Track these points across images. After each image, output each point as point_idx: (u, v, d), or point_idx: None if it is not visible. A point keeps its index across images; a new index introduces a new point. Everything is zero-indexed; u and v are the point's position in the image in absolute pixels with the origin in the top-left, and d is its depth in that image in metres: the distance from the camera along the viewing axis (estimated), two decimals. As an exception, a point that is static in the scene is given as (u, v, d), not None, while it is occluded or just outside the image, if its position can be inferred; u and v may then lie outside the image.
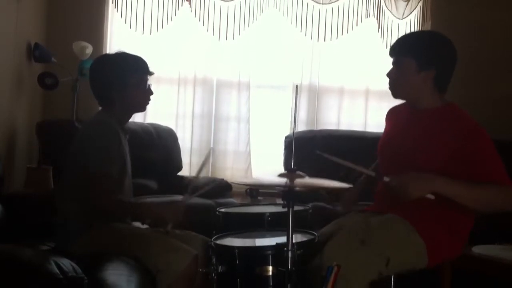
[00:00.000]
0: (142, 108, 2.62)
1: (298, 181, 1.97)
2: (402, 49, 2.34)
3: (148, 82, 2.57)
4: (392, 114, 2.54)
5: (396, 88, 2.36)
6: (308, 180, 2.04)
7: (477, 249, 2.71)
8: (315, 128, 4.68)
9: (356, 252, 2.09)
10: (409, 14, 4.69)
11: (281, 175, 2.06)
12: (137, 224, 2.56)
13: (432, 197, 2.09)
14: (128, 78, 2.50)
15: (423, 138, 2.27)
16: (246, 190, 2.41)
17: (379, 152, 2.48)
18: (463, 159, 2.17)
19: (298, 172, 2.02)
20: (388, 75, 2.36)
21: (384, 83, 2.42)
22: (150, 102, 2.60)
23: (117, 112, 2.52)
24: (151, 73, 2.58)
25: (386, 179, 2.14)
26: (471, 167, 2.16)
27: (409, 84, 2.31)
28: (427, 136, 2.26)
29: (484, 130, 2.23)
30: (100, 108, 2.59)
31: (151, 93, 2.59)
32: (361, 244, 2.11)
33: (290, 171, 2.02)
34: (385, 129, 2.55)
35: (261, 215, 2.41)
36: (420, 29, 4.68)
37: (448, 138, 2.21)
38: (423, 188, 2.09)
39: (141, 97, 2.55)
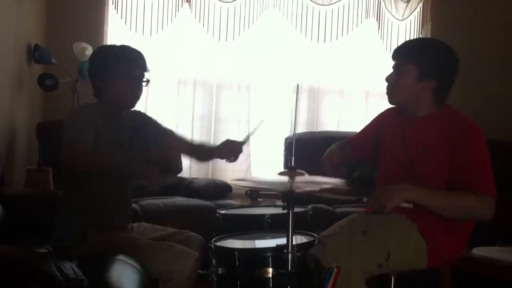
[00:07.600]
0: (127, 102, 2.44)
1: (299, 179, 1.97)
2: (405, 55, 2.28)
3: (145, 78, 2.44)
4: (385, 117, 2.50)
5: (393, 94, 2.31)
6: (308, 178, 2.03)
7: (477, 251, 2.70)
8: (315, 130, 4.68)
9: (357, 242, 2.07)
10: (409, 15, 4.70)
11: (281, 173, 2.06)
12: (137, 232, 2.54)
13: (410, 205, 2.10)
14: (111, 68, 2.39)
15: (422, 146, 2.24)
16: (246, 192, 2.40)
17: (380, 160, 2.44)
18: (455, 163, 2.16)
19: (298, 170, 2.02)
20: (387, 79, 2.31)
21: (384, 85, 2.37)
22: (139, 99, 2.45)
23: (102, 103, 2.43)
24: (142, 67, 2.43)
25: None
26: (460, 174, 2.16)
27: (407, 92, 2.26)
28: (427, 143, 2.23)
29: (481, 132, 2.20)
30: None
31: (139, 87, 2.43)
32: (363, 235, 2.09)
33: (290, 169, 2.02)
34: (368, 126, 2.58)
35: (261, 216, 2.42)
36: (420, 30, 4.69)
37: (444, 140, 2.19)
38: (394, 198, 2.08)
39: (124, 88, 2.39)
